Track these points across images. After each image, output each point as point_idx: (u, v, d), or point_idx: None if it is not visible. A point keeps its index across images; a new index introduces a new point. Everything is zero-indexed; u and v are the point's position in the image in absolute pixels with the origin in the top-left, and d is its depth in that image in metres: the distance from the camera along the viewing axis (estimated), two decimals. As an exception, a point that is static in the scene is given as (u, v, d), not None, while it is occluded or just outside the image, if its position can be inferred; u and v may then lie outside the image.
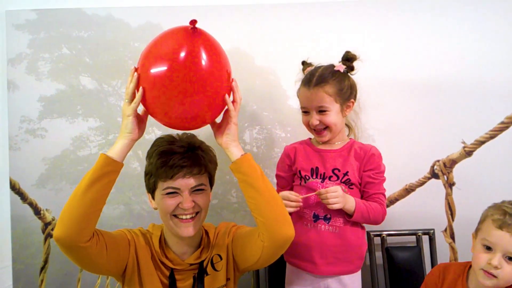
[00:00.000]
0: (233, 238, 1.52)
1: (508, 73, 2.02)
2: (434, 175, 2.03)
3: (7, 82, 2.00)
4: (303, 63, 1.73)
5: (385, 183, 1.68)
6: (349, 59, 1.65)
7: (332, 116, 1.60)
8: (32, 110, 2.01)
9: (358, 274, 1.67)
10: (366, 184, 1.64)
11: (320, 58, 1.69)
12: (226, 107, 1.41)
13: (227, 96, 1.38)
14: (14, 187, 2.00)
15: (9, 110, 2.00)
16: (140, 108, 1.40)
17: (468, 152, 2.02)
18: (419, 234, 1.98)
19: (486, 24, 2.03)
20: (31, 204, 2.00)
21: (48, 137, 2.01)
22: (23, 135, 2.00)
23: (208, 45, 1.32)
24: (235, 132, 1.41)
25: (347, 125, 1.77)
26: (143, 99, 1.34)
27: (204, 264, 1.49)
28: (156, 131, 1.99)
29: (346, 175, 1.62)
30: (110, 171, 1.30)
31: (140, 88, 1.33)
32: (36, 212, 2.01)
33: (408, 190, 2.04)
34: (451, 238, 2.03)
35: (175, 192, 1.41)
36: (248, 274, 1.97)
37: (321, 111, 1.59)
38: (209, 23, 1.89)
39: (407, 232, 2.00)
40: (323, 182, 1.62)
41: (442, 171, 2.03)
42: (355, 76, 1.68)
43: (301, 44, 2.01)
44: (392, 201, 2.04)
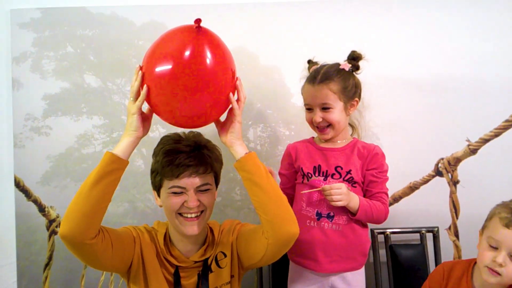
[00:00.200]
0: (237, 236, 1.53)
1: (513, 71, 2.02)
2: (438, 173, 2.03)
3: (11, 80, 2.01)
4: (309, 61, 1.73)
5: (389, 181, 1.67)
6: (355, 58, 1.65)
7: (336, 114, 1.60)
8: (36, 108, 2.01)
9: (361, 271, 1.66)
10: (369, 183, 1.64)
11: (324, 57, 1.69)
12: (231, 106, 1.41)
13: (231, 95, 1.39)
14: (18, 185, 2.01)
15: (13, 108, 2.01)
16: (145, 106, 1.41)
17: (472, 150, 2.02)
18: (423, 232, 1.98)
19: (491, 22, 2.02)
20: (35, 202, 2.01)
21: (52, 135, 2.02)
22: (27, 132, 2.01)
23: (212, 44, 1.32)
24: (239, 130, 1.42)
25: (350, 124, 1.76)
26: (148, 97, 1.35)
27: (209, 261, 1.50)
28: (161, 129, 2.00)
29: (349, 173, 1.61)
30: (115, 169, 1.30)
31: (145, 86, 1.34)
32: (41, 209, 2.02)
33: (412, 188, 2.04)
34: (455, 236, 2.03)
35: (180, 191, 1.41)
36: (251, 271, 1.98)
37: (324, 108, 1.60)
38: (213, 21, 1.89)
39: (411, 230, 2.00)
40: (326, 180, 1.62)
41: (447, 169, 2.02)
42: (360, 74, 1.68)
43: (305, 42, 2.00)
44: (396, 199, 2.03)
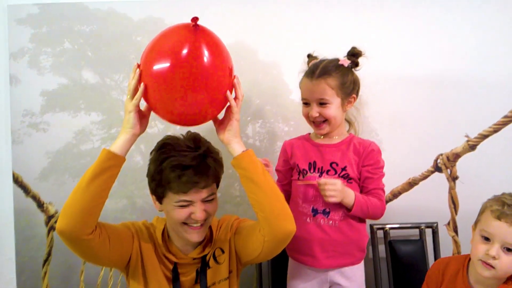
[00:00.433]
0: (235, 232, 1.53)
1: (512, 67, 2.01)
2: (437, 168, 2.03)
3: (9, 76, 2.00)
4: (309, 55, 1.72)
5: (388, 176, 1.67)
6: (354, 54, 1.64)
7: (332, 110, 1.59)
8: (34, 104, 2.01)
9: (360, 265, 1.66)
10: (365, 179, 1.63)
11: (324, 52, 1.68)
12: (228, 104, 1.41)
13: (228, 93, 1.38)
14: (17, 180, 2.01)
15: (11, 104, 2.01)
16: (143, 104, 1.40)
17: (471, 146, 2.01)
18: (422, 227, 1.98)
19: (490, 19, 2.01)
20: (34, 198, 2.01)
21: (50, 131, 2.02)
22: (25, 129, 2.01)
23: (209, 42, 1.32)
24: (236, 128, 1.41)
25: (347, 120, 1.75)
26: (145, 95, 1.35)
27: (207, 258, 1.50)
28: (159, 125, 1.99)
29: (344, 169, 1.61)
30: (112, 166, 1.30)
31: (142, 84, 1.33)
32: (39, 205, 2.02)
33: (411, 184, 2.03)
34: (454, 231, 2.03)
35: (187, 204, 1.39)
36: (251, 267, 1.98)
37: (321, 103, 1.59)
38: (212, 16, 1.91)
39: (410, 225, 2.00)
40: (321, 176, 1.62)
41: (446, 164, 2.02)
42: (360, 70, 1.67)
43: (304, 38, 1.99)
44: (395, 194, 2.03)
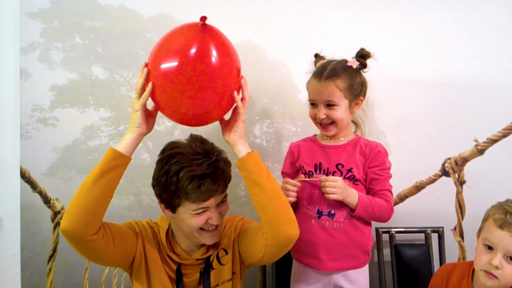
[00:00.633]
0: (239, 233, 1.52)
1: (523, 71, 2.00)
2: (445, 172, 2.02)
3: (19, 70, 2.00)
4: (316, 55, 1.71)
5: (395, 180, 1.66)
6: (363, 56, 1.64)
7: (340, 112, 1.58)
8: (44, 99, 2.01)
9: (365, 269, 1.66)
10: (371, 181, 1.62)
11: (332, 53, 1.68)
12: (235, 104, 1.40)
13: (235, 93, 1.37)
14: (24, 176, 2.00)
15: (21, 99, 2.01)
16: (150, 103, 1.40)
17: (480, 151, 2.01)
18: (428, 231, 1.97)
19: (500, 21, 2.01)
20: (40, 193, 2.01)
21: (59, 126, 2.01)
22: (34, 123, 2.00)
23: (218, 41, 1.32)
24: (242, 129, 1.41)
25: (354, 122, 1.74)
26: (152, 94, 1.34)
27: (211, 259, 1.50)
28: (167, 123, 1.99)
29: (350, 171, 1.60)
30: (117, 165, 1.30)
31: (150, 83, 1.33)
32: (46, 201, 2.01)
33: (418, 188, 2.03)
34: (460, 236, 2.02)
35: (204, 211, 1.40)
36: (255, 269, 1.97)
37: (329, 105, 1.58)
38: (222, 14, 1.91)
39: (416, 229, 1.99)
40: None
41: (453, 169, 2.01)
42: (368, 72, 1.66)
43: (313, 38, 1.99)
44: (401, 198, 2.03)
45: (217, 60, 1.29)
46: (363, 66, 1.64)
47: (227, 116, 1.45)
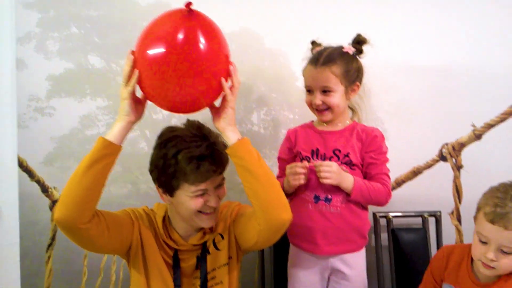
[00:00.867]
0: (235, 218, 1.53)
1: (520, 56, 2.00)
2: (442, 157, 2.03)
3: (16, 60, 2.00)
4: (313, 42, 1.71)
5: (393, 165, 1.66)
6: (359, 42, 1.63)
7: (336, 98, 1.58)
8: (40, 89, 2.01)
9: (362, 253, 1.66)
10: (368, 165, 1.62)
11: (330, 40, 1.67)
12: None
13: (223, 80, 1.35)
14: (22, 165, 2.00)
15: (17, 89, 2.00)
16: (140, 92, 1.39)
17: (477, 135, 2.01)
18: (425, 216, 1.98)
19: (498, 8, 2.01)
20: (38, 182, 2.02)
21: (56, 115, 2.02)
22: (31, 113, 2.01)
23: (204, 27, 1.29)
24: (232, 116, 1.39)
25: (350, 108, 1.74)
26: (140, 82, 1.33)
27: (207, 244, 1.50)
28: (164, 111, 1.98)
29: (347, 156, 1.60)
30: (107, 154, 1.30)
31: (136, 71, 1.31)
32: (44, 190, 2.02)
33: (415, 173, 2.03)
34: (458, 220, 2.02)
35: (203, 193, 1.40)
36: (253, 253, 1.98)
37: (325, 91, 1.58)
38: (219, 3, 1.90)
39: (413, 214, 2.00)
40: None
41: (451, 154, 2.02)
42: (366, 58, 1.66)
43: (311, 25, 1.99)
44: (399, 183, 2.03)
45: (204, 46, 1.27)
46: (359, 52, 1.64)
47: (218, 103, 1.44)
